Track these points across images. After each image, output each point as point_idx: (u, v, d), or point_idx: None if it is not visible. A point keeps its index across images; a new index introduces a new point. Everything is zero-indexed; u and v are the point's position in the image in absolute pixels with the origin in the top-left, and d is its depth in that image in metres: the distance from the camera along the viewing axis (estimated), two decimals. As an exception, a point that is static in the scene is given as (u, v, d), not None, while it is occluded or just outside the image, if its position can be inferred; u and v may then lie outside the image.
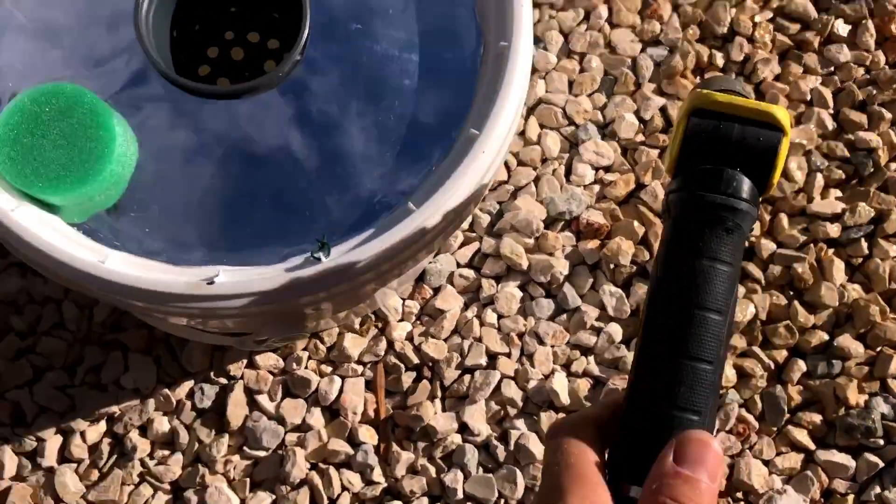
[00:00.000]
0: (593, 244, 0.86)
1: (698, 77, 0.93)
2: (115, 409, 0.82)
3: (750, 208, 0.41)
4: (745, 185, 0.41)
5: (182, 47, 0.67)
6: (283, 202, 0.60)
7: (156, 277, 0.55)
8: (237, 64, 0.70)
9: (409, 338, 0.84)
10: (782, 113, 0.42)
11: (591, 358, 0.84)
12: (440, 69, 0.63)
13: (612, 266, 0.86)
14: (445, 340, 0.84)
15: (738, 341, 0.82)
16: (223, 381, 0.83)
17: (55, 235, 0.57)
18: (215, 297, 0.55)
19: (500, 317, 0.85)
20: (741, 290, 0.81)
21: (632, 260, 0.86)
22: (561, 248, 0.86)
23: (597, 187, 0.88)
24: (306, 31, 0.62)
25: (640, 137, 0.90)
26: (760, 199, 0.43)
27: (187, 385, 0.83)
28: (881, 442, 0.79)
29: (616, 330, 0.84)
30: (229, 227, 0.60)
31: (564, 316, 0.85)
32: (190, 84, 0.60)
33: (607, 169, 0.89)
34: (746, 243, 0.46)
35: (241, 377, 0.83)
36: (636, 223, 0.86)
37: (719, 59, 0.93)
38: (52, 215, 0.59)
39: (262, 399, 0.82)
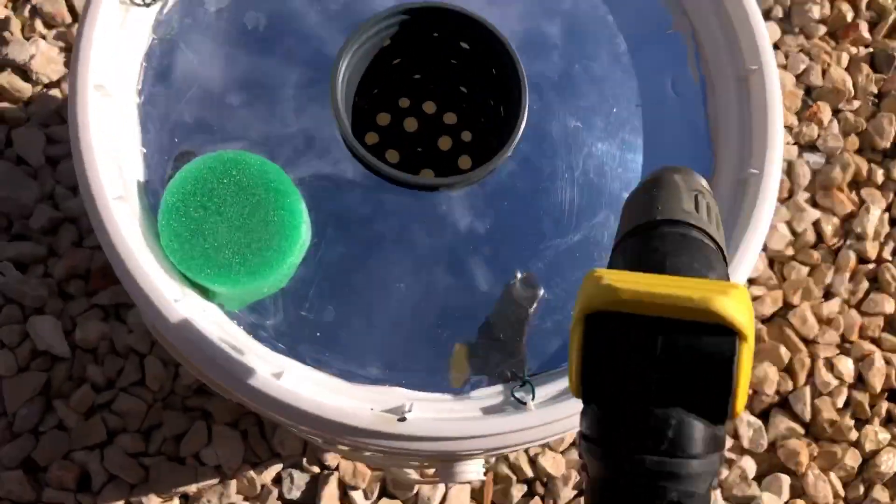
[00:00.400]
0: (733, 363, 0.79)
1: (854, 192, 0.86)
2: (192, 487, 0.73)
3: (703, 465, 0.26)
4: (690, 431, 0.26)
5: (353, 111, 0.58)
6: (473, 320, 0.52)
7: (340, 406, 0.47)
8: (409, 136, 0.62)
9: (525, 448, 0.76)
10: (733, 303, 0.26)
11: (719, 493, 0.77)
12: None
13: (751, 392, 0.79)
14: (563, 454, 0.76)
15: None
16: (316, 469, 0.74)
17: (222, 335, 0.48)
18: (407, 437, 0.47)
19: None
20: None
21: (775, 389, 0.79)
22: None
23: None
24: (522, 126, 0.54)
25: (791, 251, 0.83)
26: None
27: (275, 469, 0.74)
28: None
29: (750, 465, 0.77)
30: (410, 341, 0.51)
31: (695, 438, 0.77)
32: (393, 173, 0.51)
33: (752, 281, 0.82)
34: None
35: (337, 468, 0.74)
36: (782, 348, 0.79)
37: (879, 176, 0.86)
38: (209, 303, 0.50)
39: (357, 496, 0.73)
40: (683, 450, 0.26)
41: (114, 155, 0.51)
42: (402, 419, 0.47)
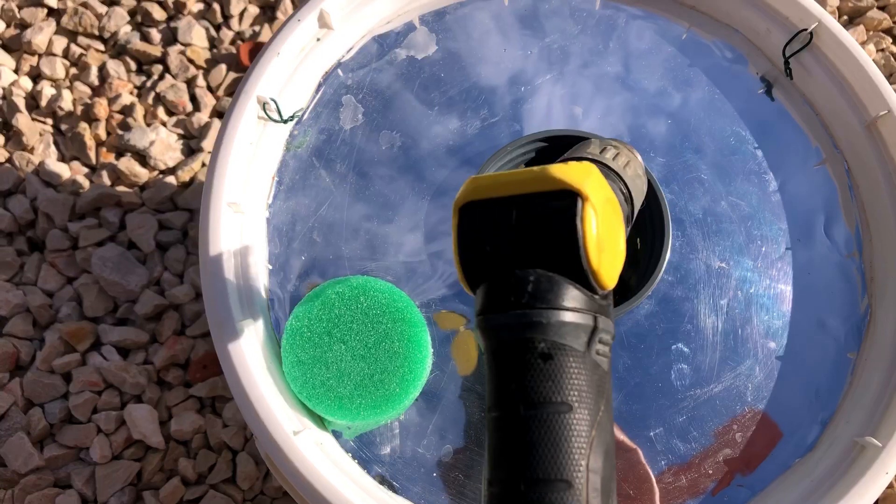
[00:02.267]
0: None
1: None
2: None
3: (572, 316, 0.27)
4: (549, 285, 0.27)
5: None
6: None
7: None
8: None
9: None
10: (572, 170, 0.28)
11: None
12: (811, 334, 0.51)
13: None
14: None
15: None
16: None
17: (337, 474, 0.45)
18: None
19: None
20: None
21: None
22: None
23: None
24: (665, 265, 0.51)
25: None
26: (602, 294, 0.29)
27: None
28: None
29: None
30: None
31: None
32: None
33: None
34: (607, 362, 0.29)
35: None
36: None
37: None
38: (325, 433, 0.48)
39: None
40: (543, 300, 0.28)
41: (241, 271, 0.49)
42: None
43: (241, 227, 0.51)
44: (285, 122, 0.54)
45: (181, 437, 0.74)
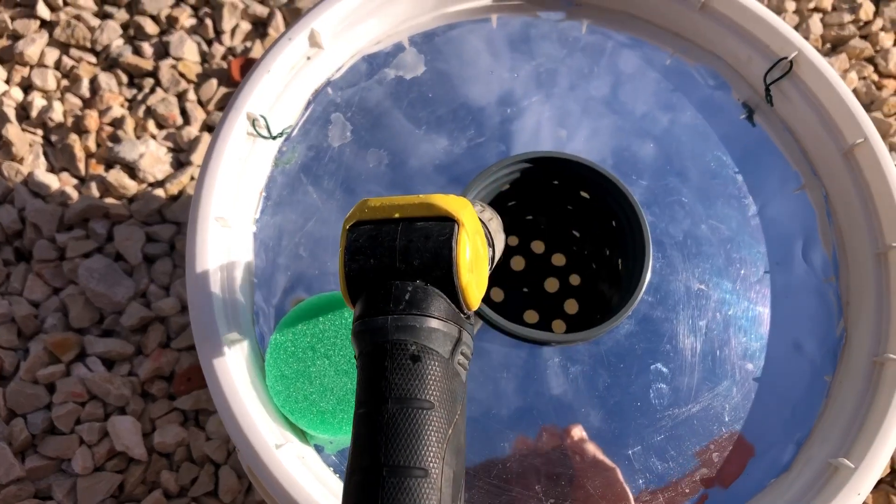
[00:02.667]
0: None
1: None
2: None
3: (441, 324, 0.31)
4: (424, 296, 0.31)
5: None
6: (581, 488, 0.49)
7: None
8: (515, 275, 0.60)
9: None
10: (451, 200, 0.33)
11: None
12: (787, 357, 0.52)
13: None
14: None
15: None
16: None
17: (320, 489, 0.45)
18: None
19: None
20: None
21: (884, 566, 0.72)
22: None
23: None
24: (645, 285, 0.51)
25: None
26: (469, 313, 0.33)
27: None
28: None
29: None
30: (508, 497, 0.48)
31: None
32: (502, 323, 0.49)
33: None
34: (464, 373, 0.32)
35: None
36: (892, 521, 0.73)
37: None
38: (307, 447, 0.48)
39: None
40: (419, 308, 0.31)
41: (227, 285, 0.50)
42: None
43: (228, 241, 0.51)
44: (274, 138, 0.55)
45: (164, 449, 0.74)
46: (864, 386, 0.50)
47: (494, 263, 0.40)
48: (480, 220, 0.39)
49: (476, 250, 0.34)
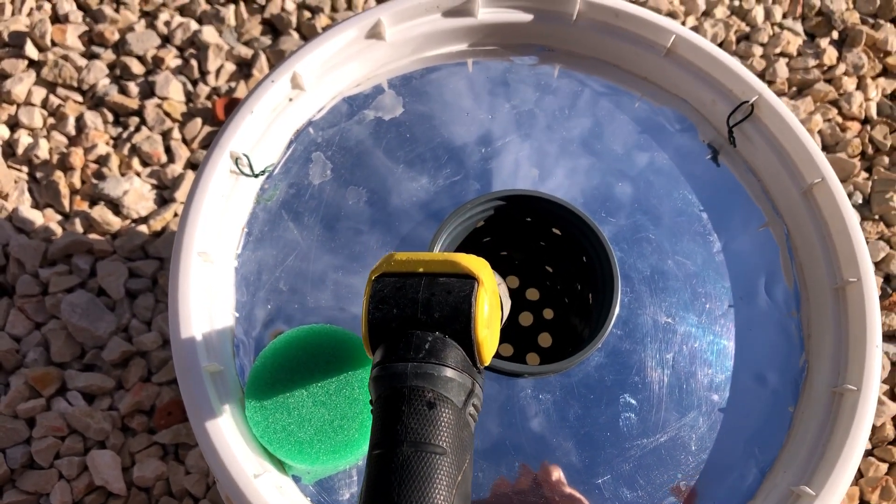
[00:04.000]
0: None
1: (936, 388, 0.83)
2: None
3: (456, 374, 0.33)
4: (443, 346, 0.33)
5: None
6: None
7: None
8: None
9: None
10: (472, 260, 0.35)
11: None
12: (752, 388, 0.54)
13: None
14: None
15: None
16: None
17: (297, 517, 0.46)
18: None
19: None
20: None
21: None
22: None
23: None
24: (613, 319, 0.53)
25: (868, 445, 0.80)
26: (481, 367, 0.35)
27: None
28: None
29: None
30: (486, 533, 0.49)
31: None
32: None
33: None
34: (474, 424, 0.34)
35: None
36: (861, 551, 0.75)
37: (961, 374, 0.83)
38: (285, 477, 0.49)
39: None
40: (437, 357, 0.33)
41: (208, 318, 0.51)
42: None
43: (210, 275, 0.53)
44: (256, 176, 0.56)
45: (143, 483, 0.74)
46: (825, 416, 0.52)
47: (501, 324, 0.41)
48: None
49: (493, 308, 0.36)
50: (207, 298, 0.52)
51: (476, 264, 0.35)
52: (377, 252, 0.55)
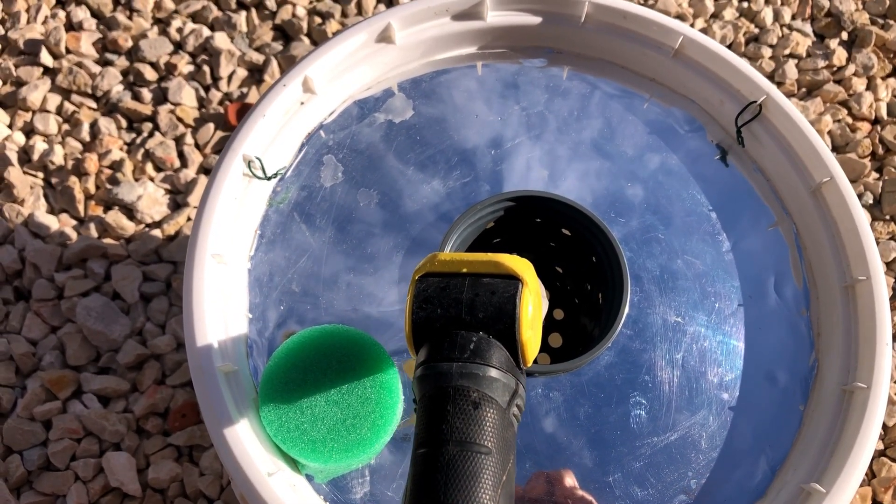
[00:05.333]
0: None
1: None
2: None
3: (500, 374, 0.33)
4: (487, 347, 0.33)
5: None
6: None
7: None
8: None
9: None
10: (516, 261, 0.35)
11: None
12: (762, 386, 0.54)
13: None
14: None
15: None
16: None
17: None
18: None
19: None
20: None
21: None
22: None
23: None
24: (623, 318, 0.54)
25: (880, 446, 0.80)
26: (523, 367, 0.35)
27: None
28: None
29: None
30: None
31: None
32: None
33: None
34: (517, 424, 0.34)
35: None
36: (875, 551, 0.75)
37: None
38: (298, 476, 0.50)
39: None
40: (482, 358, 0.33)
41: (222, 319, 0.52)
42: None
43: (223, 277, 0.53)
44: (269, 178, 0.57)
45: (158, 485, 0.75)
46: (835, 414, 0.52)
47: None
48: None
49: (536, 309, 0.36)
50: (221, 300, 0.52)
51: (520, 265, 0.35)
52: (388, 253, 0.56)
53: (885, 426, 0.81)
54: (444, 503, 0.30)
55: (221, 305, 0.52)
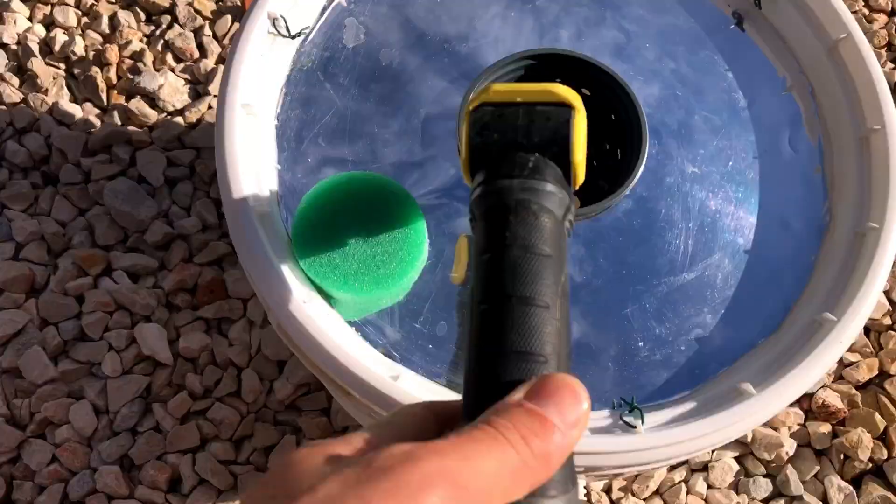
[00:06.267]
0: (825, 428, 0.78)
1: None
2: (279, 502, 0.74)
3: (557, 190, 0.35)
4: (544, 166, 0.36)
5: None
6: (584, 345, 0.53)
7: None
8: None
9: (608, 489, 0.75)
10: (565, 89, 0.37)
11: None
12: (776, 233, 0.56)
13: (842, 457, 0.77)
14: (646, 501, 0.75)
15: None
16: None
17: (345, 339, 0.50)
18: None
19: (710, 487, 0.76)
20: None
21: (869, 456, 0.77)
22: (787, 427, 0.78)
23: (835, 365, 0.80)
24: (642, 166, 0.55)
25: (889, 321, 0.82)
26: (573, 187, 0.38)
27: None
28: None
29: (841, 532, 0.75)
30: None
31: (782, 501, 0.76)
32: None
33: (849, 348, 0.81)
34: (568, 235, 0.37)
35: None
36: (877, 415, 0.78)
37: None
38: (332, 309, 0.52)
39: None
40: (541, 174, 0.35)
41: (254, 168, 0.54)
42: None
43: (252, 129, 0.55)
44: (293, 37, 0.58)
45: (189, 354, 0.78)
46: (848, 254, 0.54)
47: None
48: None
49: (584, 135, 0.38)
50: (251, 149, 0.54)
51: (571, 93, 0.37)
52: (410, 109, 0.57)
53: (893, 302, 0.83)
54: (513, 294, 0.32)
55: (252, 154, 0.54)
